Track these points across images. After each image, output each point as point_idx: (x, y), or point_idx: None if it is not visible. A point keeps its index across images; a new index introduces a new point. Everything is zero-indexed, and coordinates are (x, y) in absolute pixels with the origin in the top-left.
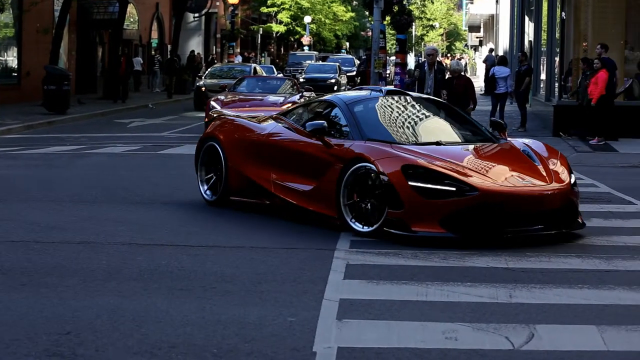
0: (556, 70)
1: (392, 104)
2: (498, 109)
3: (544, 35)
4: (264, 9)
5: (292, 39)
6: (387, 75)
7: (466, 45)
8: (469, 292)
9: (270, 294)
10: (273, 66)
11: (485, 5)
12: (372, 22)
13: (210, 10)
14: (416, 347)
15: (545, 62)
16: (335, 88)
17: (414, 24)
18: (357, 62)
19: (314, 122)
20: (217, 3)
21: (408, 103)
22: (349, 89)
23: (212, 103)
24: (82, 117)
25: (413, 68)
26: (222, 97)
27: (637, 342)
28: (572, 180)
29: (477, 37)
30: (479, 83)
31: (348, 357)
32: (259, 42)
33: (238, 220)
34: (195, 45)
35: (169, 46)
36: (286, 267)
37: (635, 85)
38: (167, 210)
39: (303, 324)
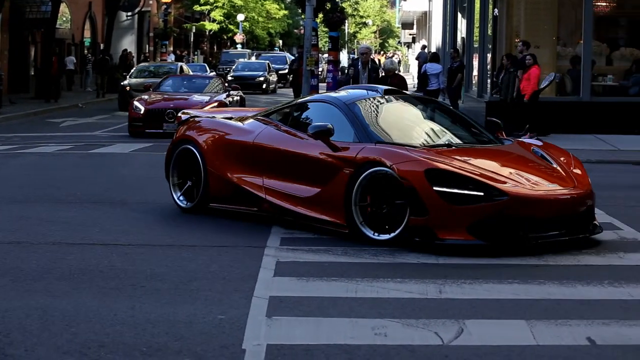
0: (488, 66)
1: (391, 104)
2: None
3: (476, 32)
4: (197, 7)
5: (225, 37)
6: (320, 73)
7: (399, 42)
8: (398, 288)
9: (201, 292)
10: (206, 64)
11: (418, 3)
12: (305, 20)
13: (143, 9)
14: (345, 343)
15: (477, 58)
16: (264, 86)
17: (346, 21)
18: (289, 59)
19: (318, 124)
20: (150, 2)
21: (407, 103)
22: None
23: (136, 103)
24: (14, 116)
25: (347, 66)
26: (146, 97)
27: (567, 336)
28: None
29: (410, 34)
30: (411, 80)
31: (277, 354)
32: (192, 40)
33: (169, 218)
34: (128, 44)
35: (101, 45)
36: (216, 265)
37: (567, 81)
38: (99, 210)
39: (233, 322)
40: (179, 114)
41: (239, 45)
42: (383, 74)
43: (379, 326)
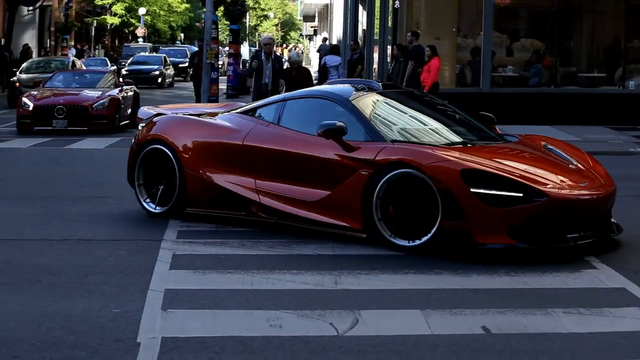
0: (388, 58)
1: (392, 100)
2: None
3: (377, 24)
4: (98, 1)
5: (127, 31)
6: (220, 66)
7: (301, 34)
8: (294, 279)
9: (97, 286)
10: (107, 59)
11: None
12: (205, 13)
13: (44, 4)
14: (240, 335)
15: (378, 50)
16: (160, 80)
17: (247, 14)
18: (190, 53)
19: (328, 122)
20: None
21: (407, 99)
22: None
23: (24, 99)
24: None
25: (250, 59)
26: (35, 93)
27: (462, 325)
28: None
29: (311, 27)
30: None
31: (172, 347)
32: (94, 34)
33: (65, 213)
34: (29, 39)
35: (2, 40)
36: (113, 258)
37: (467, 72)
38: None
39: (128, 315)
40: (139, 116)
41: (140, 39)
42: (288, 66)
43: (274, 318)
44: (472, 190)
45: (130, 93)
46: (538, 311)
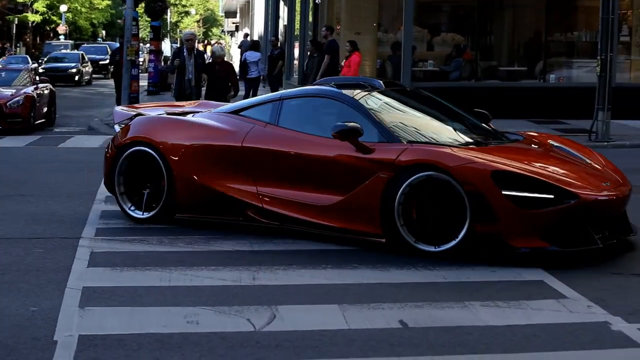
0: (308, 54)
1: (397, 98)
2: (251, 93)
3: (297, 19)
4: None
5: (48, 29)
6: (141, 63)
7: (223, 31)
8: (212, 275)
9: (14, 285)
10: (28, 56)
11: None
12: (126, 9)
13: None
14: (158, 332)
15: (298, 46)
16: (77, 78)
17: (168, 10)
18: (110, 50)
19: (344, 123)
20: None
21: (409, 98)
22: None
23: None
24: None
25: (171, 56)
26: None
27: (379, 319)
28: None
29: (233, 23)
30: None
31: (89, 345)
32: (15, 32)
33: None
34: None
35: None
36: (30, 257)
37: (388, 67)
38: None
39: (45, 314)
40: (115, 117)
41: (62, 37)
42: (211, 61)
43: (192, 314)
44: (504, 192)
45: (46, 91)
46: (455, 304)
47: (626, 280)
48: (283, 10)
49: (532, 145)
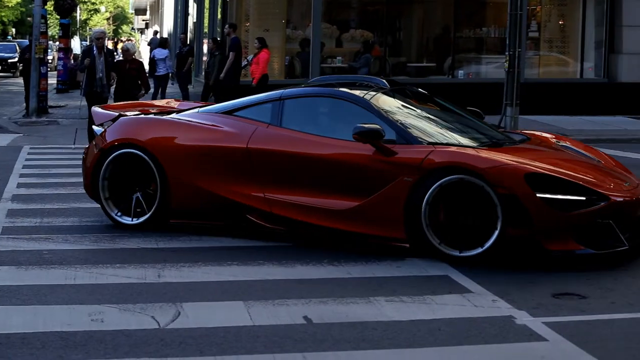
0: (210, 51)
1: (403, 98)
2: (160, 91)
3: (207, 16)
4: None
5: None
6: (50, 61)
7: (133, 28)
8: (117, 273)
9: None
10: None
11: None
12: (34, 7)
13: None
14: (62, 330)
15: (207, 43)
16: None
17: (78, 7)
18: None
19: (365, 125)
20: None
21: (415, 98)
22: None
23: None
24: None
25: (81, 54)
26: None
27: (284, 315)
28: None
29: (143, 20)
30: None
31: None
32: None
33: None
34: None
35: None
36: None
37: (296, 63)
38: None
39: None
40: (95, 118)
41: None
42: (121, 58)
43: (96, 312)
44: (538, 195)
45: None
46: (360, 300)
47: (531, 274)
48: (192, 7)
49: (544, 146)
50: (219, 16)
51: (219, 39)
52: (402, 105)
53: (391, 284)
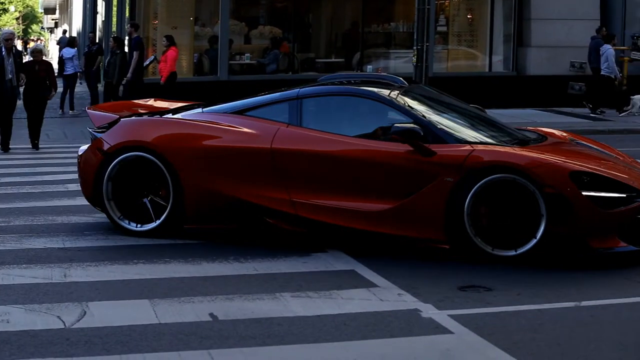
0: (126, 49)
1: (423, 96)
2: (69, 90)
3: (115, 15)
4: None
5: None
6: None
7: (42, 27)
8: (23, 274)
9: None
10: None
11: None
12: None
13: None
14: None
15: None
16: None
17: None
18: None
19: (403, 125)
20: None
21: (432, 96)
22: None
23: None
24: None
25: None
26: None
27: (189, 313)
28: None
29: (52, 19)
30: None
31: None
32: None
33: None
34: None
35: None
36: None
37: (205, 61)
38: None
39: None
40: (93, 120)
41: None
42: (31, 58)
43: (2, 313)
44: (584, 193)
45: None
46: (266, 296)
47: (437, 267)
48: (101, 6)
49: (565, 143)
50: (127, 14)
51: (120, 37)
52: (425, 104)
53: (297, 280)
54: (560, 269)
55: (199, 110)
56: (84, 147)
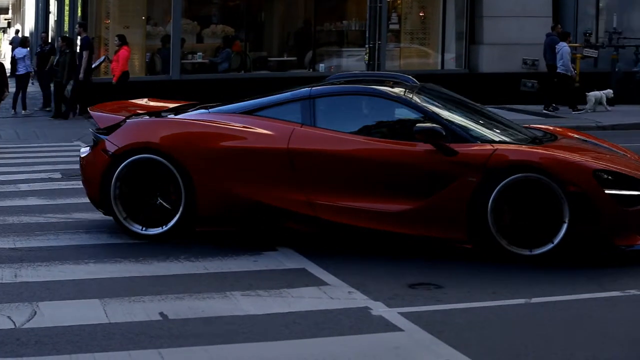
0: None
1: (434, 95)
2: (21, 90)
3: (67, 14)
4: None
5: None
6: None
7: None
8: None
9: None
10: None
11: None
12: None
13: None
14: None
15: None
16: None
17: None
18: None
19: (425, 124)
20: None
21: (442, 95)
22: None
23: None
24: None
25: None
26: None
27: (139, 312)
28: None
29: (5, 19)
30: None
31: None
32: None
33: None
34: None
35: None
36: None
37: (157, 60)
38: None
39: None
40: (98, 122)
41: None
42: None
43: None
44: (607, 191)
45: None
46: (217, 295)
47: (387, 265)
48: (53, 5)
49: (579, 140)
50: (79, 14)
51: (68, 36)
52: (439, 103)
53: (248, 278)
54: (510, 265)
55: (204, 110)
56: (86, 149)
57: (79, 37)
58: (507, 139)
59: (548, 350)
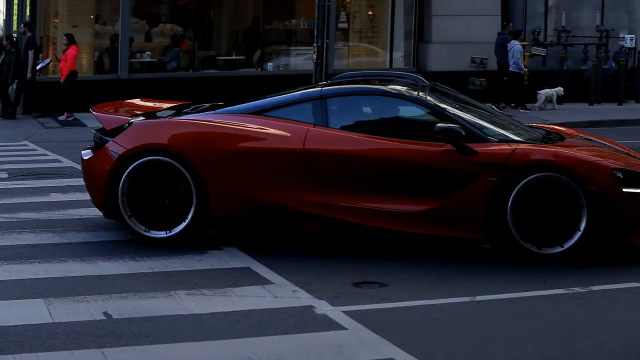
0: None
1: (444, 95)
2: None
3: (16, 13)
4: None
5: None
6: None
7: None
8: None
9: None
10: None
11: None
12: None
13: None
14: None
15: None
16: None
17: None
18: None
19: (444, 124)
20: None
21: (450, 94)
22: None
23: None
24: None
25: None
26: None
27: (83, 312)
28: None
29: None
30: None
31: None
32: None
33: None
34: None
35: None
36: None
37: (105, 59)
38: None
39: None
40: (105, 122)
41: None
42: None
43: None
44: (624, 190)
45: None
46: (161, 294)
47: (332, 264)
48: (2, 4)
49: (585, 139)
50: (28, 13)
51: (13, 36)
52: (451, 103)
53: (192, 278)
54: (454, 263)
55: (212, 111)
56: (87, 151)
57: (24, 36)
58: (521, 139)
59: (493, 348)
